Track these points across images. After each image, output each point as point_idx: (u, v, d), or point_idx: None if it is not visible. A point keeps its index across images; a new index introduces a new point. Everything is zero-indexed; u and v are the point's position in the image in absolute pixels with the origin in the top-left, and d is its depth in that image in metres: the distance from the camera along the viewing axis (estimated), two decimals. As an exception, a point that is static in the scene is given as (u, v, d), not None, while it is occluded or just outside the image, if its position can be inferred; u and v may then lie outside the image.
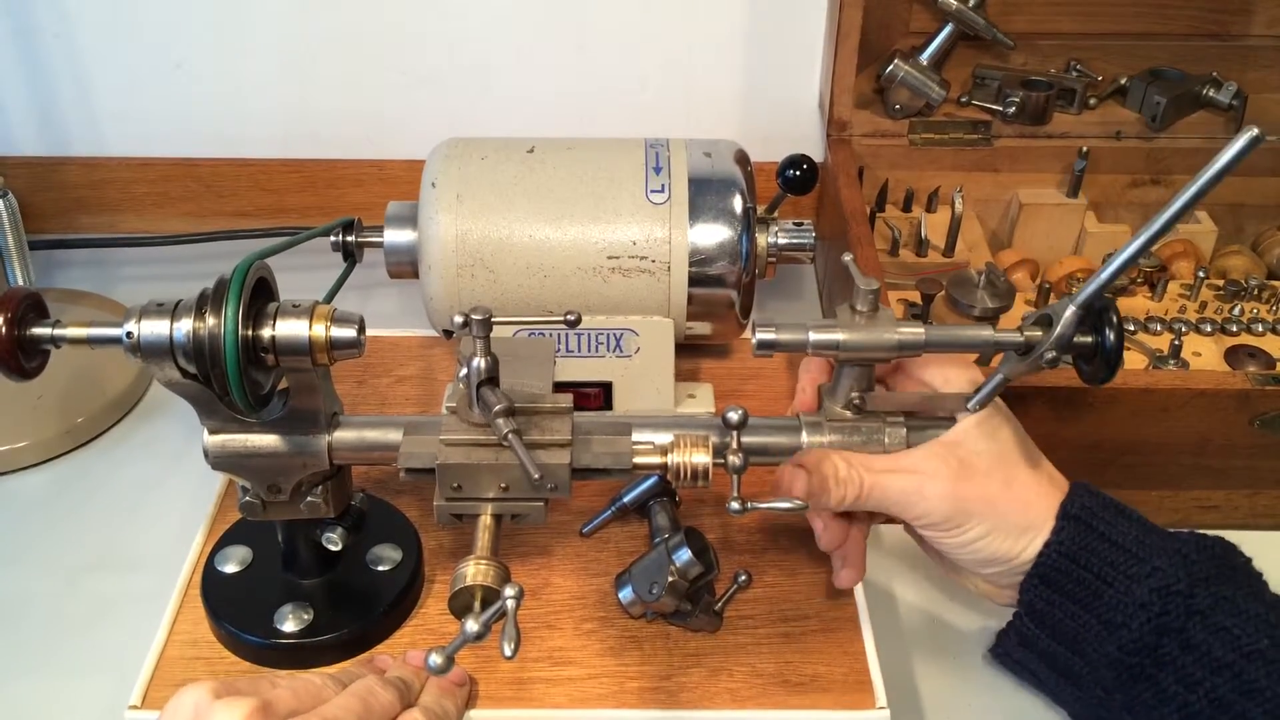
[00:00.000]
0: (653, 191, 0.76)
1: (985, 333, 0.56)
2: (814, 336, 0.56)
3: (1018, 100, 0.92)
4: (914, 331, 0.56)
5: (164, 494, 0.76)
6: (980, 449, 0.56)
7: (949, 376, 0.59)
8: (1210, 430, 0.70)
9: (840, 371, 0.58)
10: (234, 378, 0.53)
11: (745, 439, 0.56)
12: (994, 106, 0.93)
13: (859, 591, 0.66)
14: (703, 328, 0.79)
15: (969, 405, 0.57)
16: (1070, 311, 0.53)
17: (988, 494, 0.55)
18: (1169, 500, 0.75)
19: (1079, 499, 0.56)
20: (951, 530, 0.56)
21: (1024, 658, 0.61)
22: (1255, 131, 0.46)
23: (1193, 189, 0.48)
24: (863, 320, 0.56)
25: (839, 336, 0.56)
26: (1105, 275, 0.52)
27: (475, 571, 0.52)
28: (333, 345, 0.55)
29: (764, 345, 0.56)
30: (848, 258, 0.59)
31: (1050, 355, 0.54)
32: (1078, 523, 0.55)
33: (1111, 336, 0.54)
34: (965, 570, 0.59)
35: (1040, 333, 0.54)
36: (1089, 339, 0.55)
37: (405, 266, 0.78)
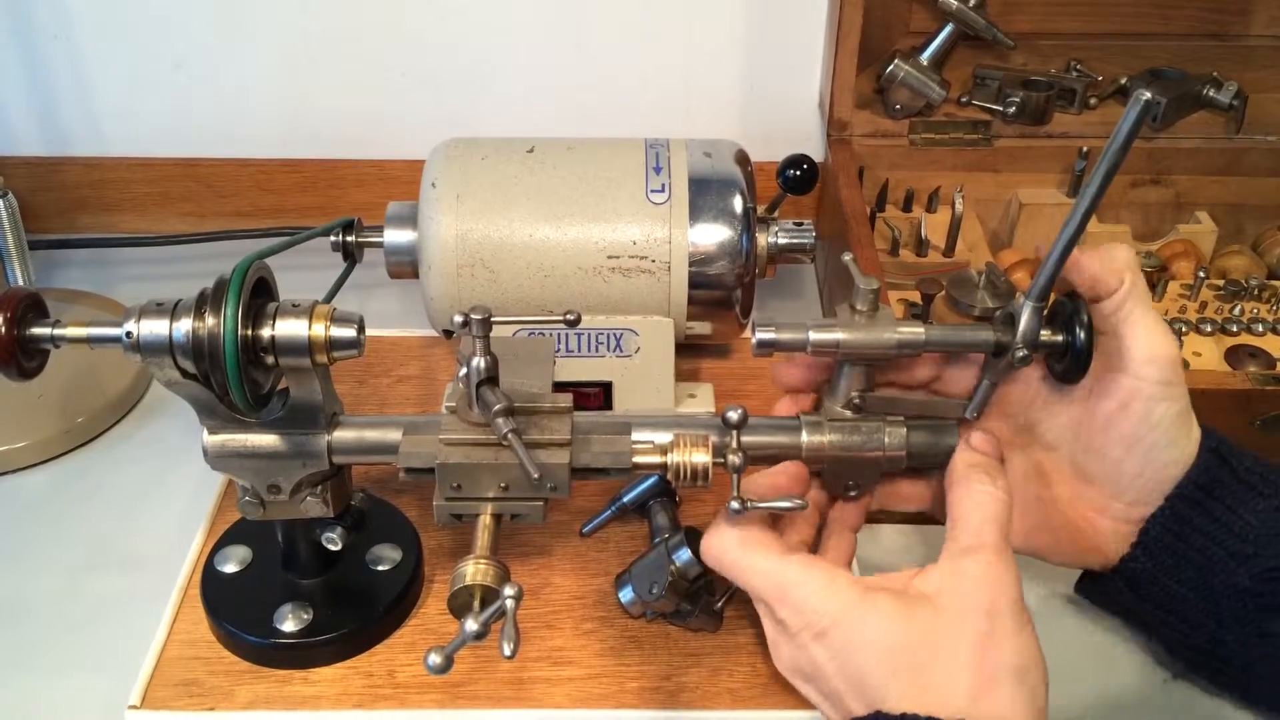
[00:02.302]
0: (653, 191, 0.76)
1: (984, 334, 0.56)
2: (814, 336, 0.56)
3: (1018, 100, 0.92)
4: (914, 331, 0.56)
5: (164, 494, 0.76)
6: None
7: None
8: (1210, 430, 0.70)
9: (840, 371, 0.58)
10: (233, 377, 0.53)
11: (745, 438, 0.56)
12: (994, 106, 0.93)
13: (859, 591, 0.66)
14: (703, 328, 0.79)
15: (966, 414, 0.57)
16: (1028, 309, 0.54)
17: None
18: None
19: (1214, 436, 0.57)
20: (1168, 389, 0.54)
21: (1127, 599, 0.60)
22: (1148, 96, 0.47)
23: (1103, 167, 0.50)
24: (863, 320, 0.56)
25: (839, 336, 0.56)
26: (1050, 268, 0.54)
27: (475, 571, 0.52)
28: (332, 345, 0.55)
29: (764, 345, 0.56)
30: (847, 257, 0.59)
31: (1021, 354, 0.54)
32: (1215, 456, 0.56)
33: (1082, 336, 0.54)
34: (1104, 490, 0.58)
35: (1008, 333, 0.55)
36: (1060, 338, 0.55)
37: (405, 266, 0.78)
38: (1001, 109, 0.93)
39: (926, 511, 0.62)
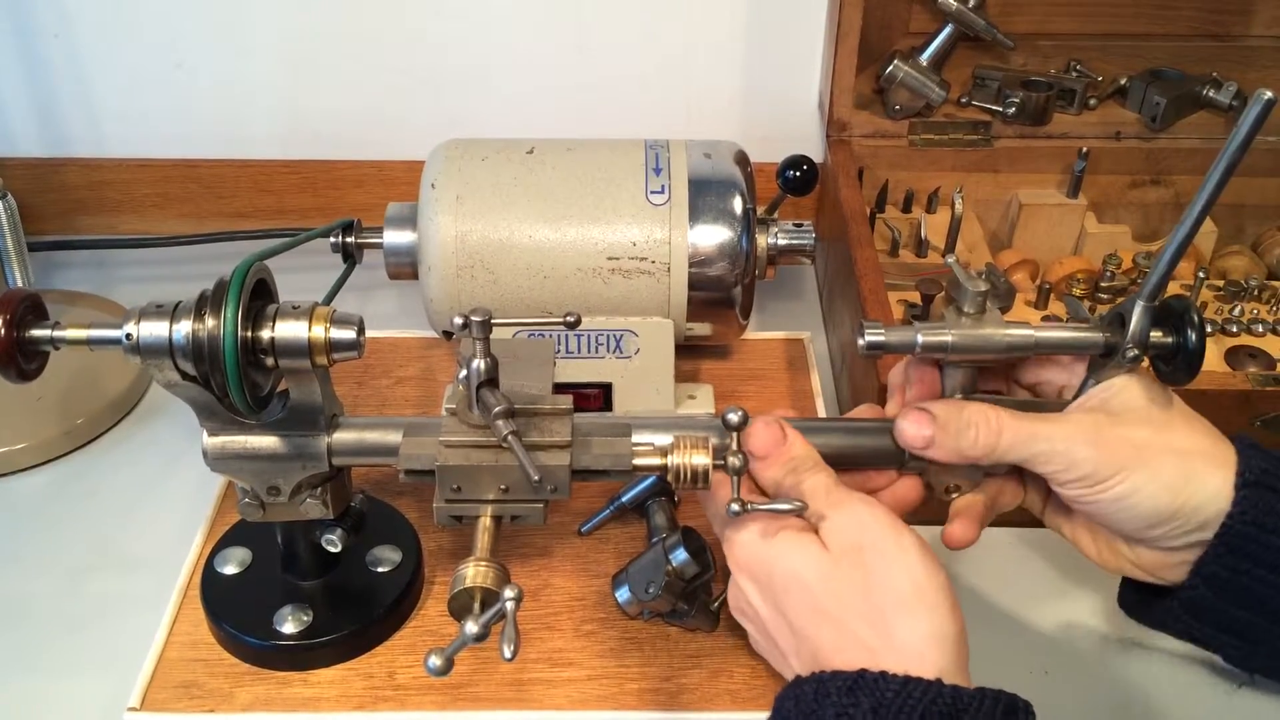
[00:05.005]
0: (653, 192, 0.76)
1: (1095, 335, 0.56)
2: (923, 338, 0.56)
3: (1018, 100, 0.92)
4: (1023, 332, 0.56)
5: (164, 495, 0.76)
6: (1128, 398, 0.55)
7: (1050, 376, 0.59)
8: (1210, 431, 0.70)
9: (944, 373, 0.58)
10: (233, 379, 0.53)
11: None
12: (994, 107, 0.93)
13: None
14: (703, 329, 0.79)
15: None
16: (1139, 308, 0.54)
17: (1136, 439, 0.53)
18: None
19: (1253, 461, 0.53)
20: (1103, 484, 0.53)
21: (1186, 624, 0.58)
22: (1269, 95, 0.46)
23: (1221, 164, 0.49)
24: (969, 322, 0.56)
25: (948, 338, 0.56)
26: (1163, 266, 0.52)
27: (475, 573, 0.52)
28: (332, 346, 0.55)
29: (873, 347, 0.56)
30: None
31: (1132, 354, 0.54)
32: (1260, 489, 0.52)
33: (1194, 337, 0.53)
34: (1130, 541, 0.56)
35: (1118, 333, 0.55)
36: (1170, 340, 0.55)
37: (405, 268, 0.78)
38: (1001, 109, 0.93)
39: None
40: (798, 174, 0.78)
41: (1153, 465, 0.53)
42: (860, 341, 0.56)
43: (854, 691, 0.45)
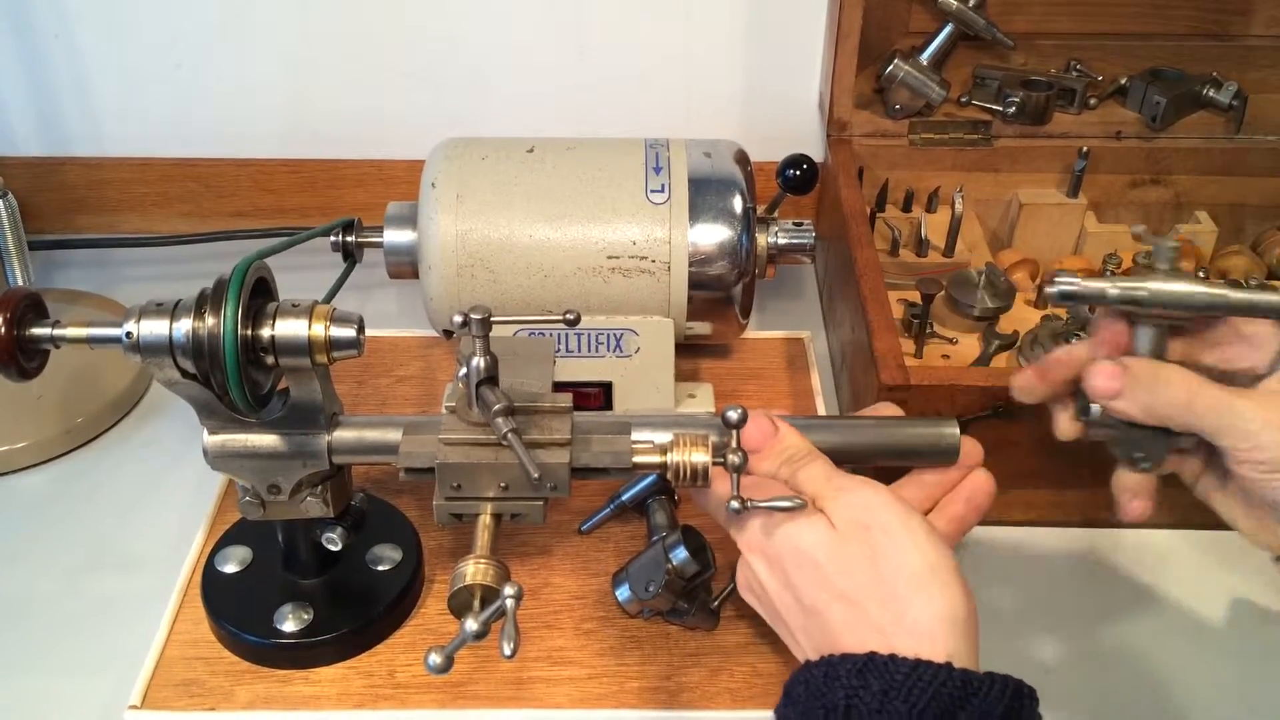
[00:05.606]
0: (653, 191, 0.76)
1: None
2: (1117, 290, 0.54)
3: (1018, 100, 0.92)
4: (1221, 291, 0.54)
5: (164, 494, 0.76)
6: None
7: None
8: (1210, 430, 0.70)
9: (1135, 334, 0.57)
10: (233, 377, 0.53)
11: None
12: (994, 106, 0.93)
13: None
14: (703, 328, 0.79)
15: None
16: None
17: None
18: (1171, 498, 0.74)
19: None
20: None
21: None
22: None
23: None
24: (1163, 279, 0.55)
25: (1144, 292, 0.54)
26: None
27: (475, 571, 0.52)
28: (332, 345, 0.55)
29: (1065, 296, 0.55)
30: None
31: None
32: None
33: None
34: None
35: None
36: None
37: (405, 266, 0.78)
38: (1001, 109, 0.93)
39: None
40: (798, 173, 0.78)
41: None
42: (1051, 290, 0.55)
43: (864, 674, 0.45)
